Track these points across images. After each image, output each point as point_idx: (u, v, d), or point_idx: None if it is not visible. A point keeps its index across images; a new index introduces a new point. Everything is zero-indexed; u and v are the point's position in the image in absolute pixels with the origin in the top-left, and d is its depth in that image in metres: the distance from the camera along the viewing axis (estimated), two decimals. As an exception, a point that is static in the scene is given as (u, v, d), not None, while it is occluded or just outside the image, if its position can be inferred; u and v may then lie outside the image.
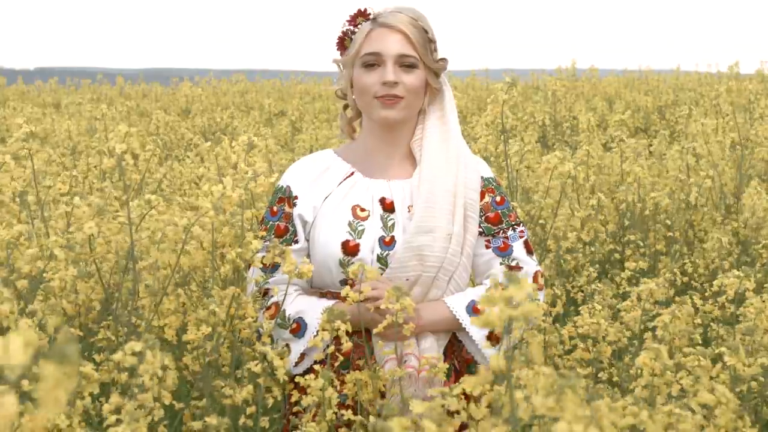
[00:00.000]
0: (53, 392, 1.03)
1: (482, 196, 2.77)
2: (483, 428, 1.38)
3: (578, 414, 1.33)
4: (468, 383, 1.51)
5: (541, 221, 4.52)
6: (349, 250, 2.65)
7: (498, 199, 2.79)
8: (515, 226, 2.78)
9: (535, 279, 2.76)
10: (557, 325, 3.49)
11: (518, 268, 2.74)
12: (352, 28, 2.79)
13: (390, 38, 2.71)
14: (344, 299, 2.50)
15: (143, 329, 2.50)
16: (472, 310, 2.65)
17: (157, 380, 1.85)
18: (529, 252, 2.79)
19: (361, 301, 2.55)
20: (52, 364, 1.03)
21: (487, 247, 2.75)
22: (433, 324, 2.66)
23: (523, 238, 2.78)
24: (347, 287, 2.48)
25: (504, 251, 2.75)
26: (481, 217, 2.75)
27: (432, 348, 2.64)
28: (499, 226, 2.76)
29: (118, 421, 1.81)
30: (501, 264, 2.75)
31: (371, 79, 2.71)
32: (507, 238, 2.76)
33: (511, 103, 3.91)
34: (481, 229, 2.75)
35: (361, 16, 2.79)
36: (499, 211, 2.77)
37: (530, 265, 2.77)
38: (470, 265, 2.75)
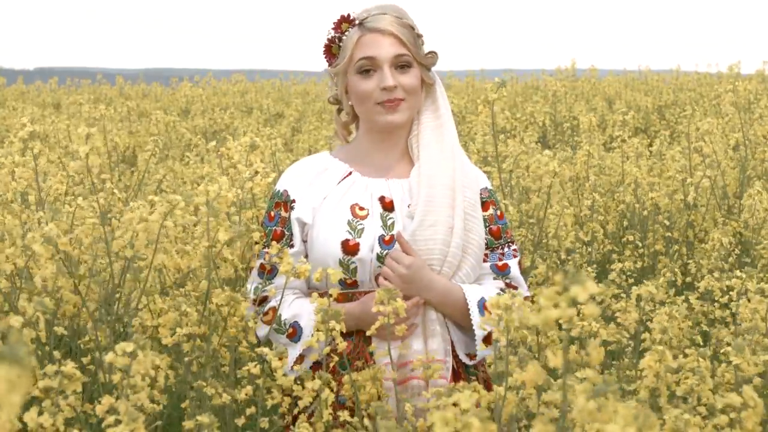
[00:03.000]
0: (7, 395, 1.02)
1: (486, 208, 2.79)
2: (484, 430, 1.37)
3: (629, 418, 1.32)
4: (523, 377, 1.50)
5: (531, 220, 4.52)
6: (349, 249, 2.64)
7: (498, 213, 2.80)
8: (510, 244, 2.80)
9: None
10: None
11: (514, 287, 2.75)
12: (338, 35, 2.78)
13: (382, 42, 2.71)
14: (342, 300, 2.50)
15: (134, 329, 2.49)
16: (483, 307, 2.64)
17: (149, 381, 1.84)
18: (522, 273, 2.81)
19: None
20: (5, 367, 1.02)
21: (484, 260, 2.75)
22: (442, 303, 2.64)
23: (517, 258, 2.80)
24: (334, 289, 2.47)
25: (502, 270, 2.76)
26: (485, 228, 2.76)
27: (440, 349, 2.62)
28: (499, 242, 2.78)
29: (117, 422, 1.81)
30: (494, 279, 2.75)
31: (369, 85, 2.70)
32: (503, 254, 2.77)
33: (503, 103, 3.92)
34: (485, 241, 2.75)
35: (345, 22, 2.77)
36: (500, 226, 2.79)
37: (524, 288, 2.78)
38: (479, 268, 2.73)
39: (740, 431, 1.90)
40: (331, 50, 2.78)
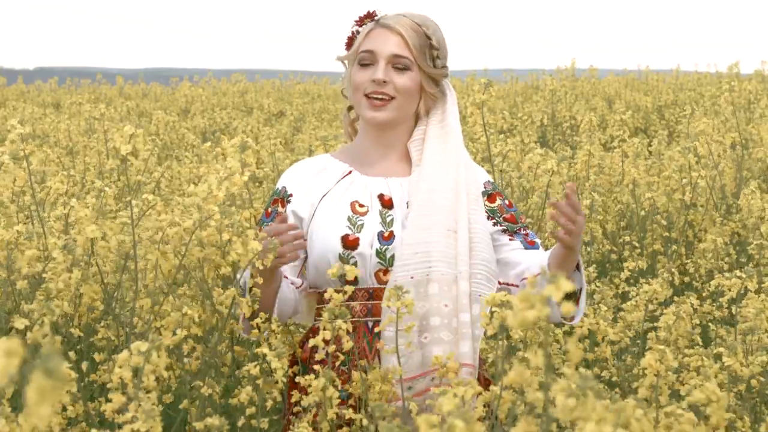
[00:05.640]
0: (40, 406, 1.02)
1: (493, 199, 2.80)
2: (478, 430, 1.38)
3: (604, 415, 1.32)
4: (509, 379, 1.51)
5: (529, 220, 4.53)
6: (349, 244, 2.67)
7: (507, 202, 2.82)
8: (526, 227, 2.82)
9: None
10: (553, 325, 3.48)
11: None
12: (358, 28, 2.83)
13: (386, 39, 2.74)
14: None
15: (141, 329, 2.50)
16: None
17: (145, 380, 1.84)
18: None
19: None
20: (39, 378, 1.02)
21: (511, 239, 2.76)
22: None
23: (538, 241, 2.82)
24: (330, 288, 2.47)
25: (532, 246, 2.78)
26: (499, 217, 2.77)
27: (469, 352, 2.60)
28: (518, 225, 2.79)
29: (134, 419, 1.80)
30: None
31: (363, 76, 2.74)
32: (527, 234, 2.79)
33: (503, 102, 3.93)
34: (504, 227, 2.77)
35: (368, 17, 2.83)
36: (513, 213, 2.81)
37: None
38: (493, 258, 2.72)
39: (706, 427, 1.91)
40: (352, 44, 2.84)
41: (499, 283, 2.73)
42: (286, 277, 2.69)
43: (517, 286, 2.71)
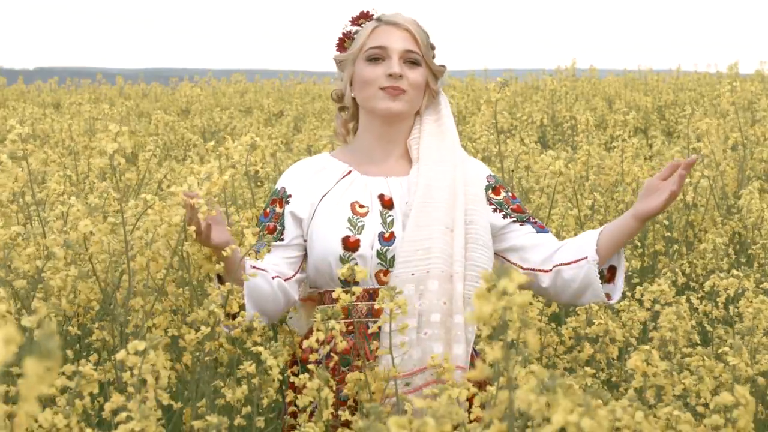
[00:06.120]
0: (35, 388, 1.02)
1: (498, 192, 2.83)
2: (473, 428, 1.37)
3: (572, 407, 1.32)
4: (469, 375, 1.51)
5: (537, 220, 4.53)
6: (350, 245, 2.66)
7: (510, 194, 2.85)
8: (532, 215, 2.86)
9: None
10: (554, 324, 3.48)
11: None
12: (354, 28, 2.83)
13: (396, 34, 2.77)
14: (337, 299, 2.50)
15: (132, 329, 2.50)
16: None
17: (155, 380, 1.84)
18: None
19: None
20: (34, 360, 1.02)
21: (522, 225, 2.79)
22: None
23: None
24: (339, 288, 2.46)
25: (543, 230, 2.81)
26: (507, 209, 2.80)
27: (463, 355, 2.60)
28: (526, 215, 2.82)
29: (129, 419, 1.80)
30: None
31: (376, 72, 2.74)
32: (535, 222, 2.82)
33: (505, 102, 3.93)
34: (514, 218, 2.79)
35: (364, 17, 2.84)
36: (518, 204, 2.84)
37: None
38: (492, 257, 2.74)
39: (733, 430, 1.90)
40: (344, 44, 2.84)
41: (522, 269, 2.75)
42: (260, 268, 2.62)
43: (548, 271, 2.73)
